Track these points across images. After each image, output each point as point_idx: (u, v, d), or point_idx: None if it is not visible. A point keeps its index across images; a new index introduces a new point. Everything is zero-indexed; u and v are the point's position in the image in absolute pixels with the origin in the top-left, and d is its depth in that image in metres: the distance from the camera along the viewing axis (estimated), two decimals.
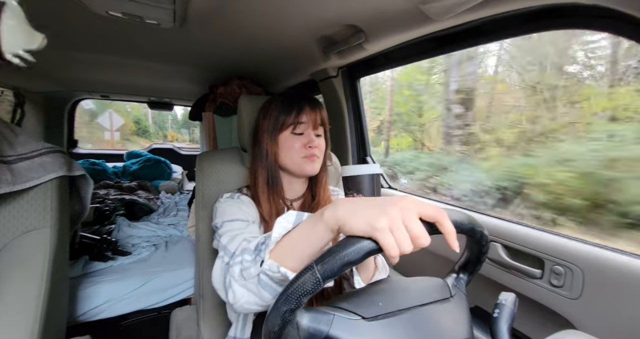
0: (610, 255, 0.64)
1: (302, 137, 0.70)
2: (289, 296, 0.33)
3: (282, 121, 0.69)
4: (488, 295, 0.81)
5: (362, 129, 1.40)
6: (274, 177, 0.71)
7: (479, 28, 0.79)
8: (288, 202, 0.75)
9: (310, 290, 0.33)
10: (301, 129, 0.70)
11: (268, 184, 0.71)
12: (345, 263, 0.33)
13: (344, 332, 0.36)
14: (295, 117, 0.69)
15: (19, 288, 0.73)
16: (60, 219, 0.82)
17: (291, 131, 0.70)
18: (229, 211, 0.66)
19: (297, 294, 0.33)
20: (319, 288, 0.33)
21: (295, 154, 0.69)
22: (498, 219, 0.89)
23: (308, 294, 0.33)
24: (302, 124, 0.69)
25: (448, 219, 0.36)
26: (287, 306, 0.33)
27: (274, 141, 0.70)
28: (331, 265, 0.33)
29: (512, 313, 0.45)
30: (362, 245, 0.34)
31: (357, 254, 0.34)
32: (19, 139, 0.81)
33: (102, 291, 1.22)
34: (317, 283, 0.33)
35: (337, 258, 0.33)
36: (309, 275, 0.33)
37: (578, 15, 0.62)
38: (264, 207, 0.70)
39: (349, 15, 0.86)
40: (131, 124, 10.64)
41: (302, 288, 0.33)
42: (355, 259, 0.33)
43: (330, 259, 0.33)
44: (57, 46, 1.21)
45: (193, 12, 0.86)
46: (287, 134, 0.70)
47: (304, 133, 0.70)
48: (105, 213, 1.92)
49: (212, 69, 1.63)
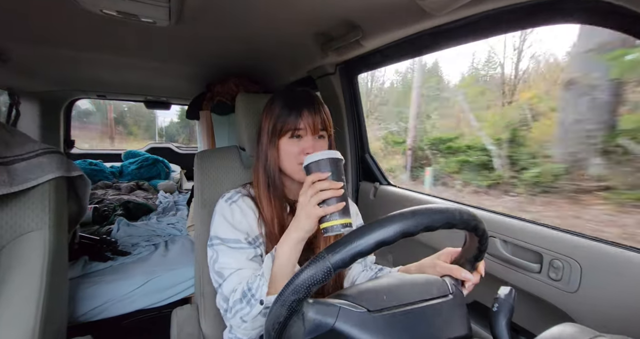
0: (608, 249, 0.64)
1: (301, 142, 0.67)
2: (298, 286, 0.34)
3: (280, 126, 0.67)
4: (487, 290, 0.82)
5: (360, 126, 1.40)
6: (273, 181, 0.70)
7: (478, 23, 0.78)
8: (291, 202, 0.74)
9: (321, 279, 0.33)
10: (300, 134, 0.68)
11: (268, 187, 0.70)
12: (356, 253, 0.34)
13: (349, 324, 0.36)
14: (294, 123, 0.66)
15: (18, 290, 0.73)
16: (59, 220, 0.82)
17: (289, 136, 0.68)
18: (222, 228, 0.67)
19: (308, 284, 0.33)
20: (330, 277, 0.33)
21: (294, 159, 0.67)
22: (496, 214, 0.89)
23: (318, 284, 0.33)
24: (301, 130, 0.67)
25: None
26: (295, 296, 0.33)
27: (274, 146, 0.69)
28: (342, 255, 0.34)
29: (511, 307, 0.45)
30: (374, 236, 0.35)
31: (369, 245, 0.34)
32: (15, 140, 0.81)
33: (102, 291, 1.23)
34: (328, 272, 0.33)
35: (348, 247, 0.34)
36: (321, 264, 0.34)
37: (576, 10, 0.61)
38: (265, 208, 0.69)
39: (346, 11, 0.86)
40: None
41: (314, 277, 0.33)
42: (366, 250, 0.34)
43: (341, 249, 0.34)
44: (52, 45, 1.20)
45: (189, 9, 0.85)
46: (285, 139, 0.68)
47: (303, 138, 0.68)
48: (104, 213, 1.92)
49: (209, 67, 1.61)
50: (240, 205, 0.70)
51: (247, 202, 0.71)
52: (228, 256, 0.65)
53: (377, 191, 1.33)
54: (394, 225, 0.35)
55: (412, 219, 0.36)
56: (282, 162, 0.69)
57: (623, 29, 0.56)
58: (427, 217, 0.37)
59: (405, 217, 0.37)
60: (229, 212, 0.69)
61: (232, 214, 0.68)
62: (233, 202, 0.70)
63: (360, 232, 0.35)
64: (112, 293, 1.24)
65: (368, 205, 1.36)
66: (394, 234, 0.35)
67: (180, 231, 1.83)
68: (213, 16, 0.92)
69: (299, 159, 0.66)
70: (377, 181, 1.37)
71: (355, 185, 1.44)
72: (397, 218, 0.36)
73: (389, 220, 0.36)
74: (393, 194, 1.26)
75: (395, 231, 0.35)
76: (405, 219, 0.36)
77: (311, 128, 0.67)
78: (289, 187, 0.73)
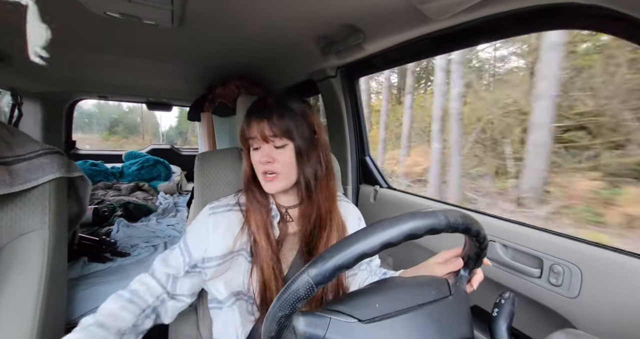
0: (609, 254, 0.64)
1: (258, 152, 0.64)
2: (284, 302, 0.33)
3: (243, 136, 0.66)
4: (487, 294, 0.81)
5: (360, 128, 1.40)
6: (259, 188, 0.68)
7: (478, 28, 0.79)
8: (283, 209, 0.71)
9: (304, 296, 0.33)
10: (256, 143, 0.65)
11: (254, 192, 0.68)
12: (337, 267, 0.33)
13: (340, 336, 0.36)
14: (248, 132, 0.64)
15: (17, 290, 0.72)
16: (59, 220, 0.82)
17: (252, 146, 0.66)
18: (192, 230, 0.67)
19: (292, 300, 0.33)
20: (312, 293, 0.33)
21: (259, 170, 0.66)
22: (497, 218, 0.89)
23: (302, 300, 0.33)
24: (254, 139, 0.64)
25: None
26: (282, 312, 0.33)
27: (247, 155, 0.68)
28: (323, 270, 0.33)
29: (511, 312, 0.45)
30: (355, 248, 0.34)
31: (350, 259, 0.33)
32: (17, 140, 0.81)
33: (101, 293, 1.22)
34: (310, 288, 0.33)
35: (329, 262, 0.33)
36: (302, 280, 0.33)
37: (576, 15, 0.62)
38: (253, 208, 0.67)
39: (348, 15, 0.86)
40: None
41: (296, 294, 0.33)
42: (347, 263, 0.33)
43: (322, 264, 0.33)
44: (55, 46, 1.20)
45: (191, 12, 0.86)
46: (251, 149, 0.67)
47: (260, 147, 0.64)
48: (104, 214, 1.92)
49: (210, 69, 1.62)
50: (218, 219, 0.66)
51: (230, 216, 0.67)
52: (173, 254, 0.68)
53: (377, 194, 1.33)
54: (375, 236, 0.34)
55: (395, 227, 0.34)
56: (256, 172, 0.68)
57: (622, 35, 0.56)
58: (411, 224, 0.35)
59: (385, 227, 0.35)
60: (202, 223, 0.67)
61: (205, 225, 0.66)
62: (214, 213, 0.67)
63: (341, 244, 0.34)
64: (111, 294, 1.23)
65: (368, 208, 1.36)
66: (376, 245, 0.34)
67: (180, 232, 1.82)
68: (215, 19, 0.92)
69: (260, 169, 0.65)
70: (377, 184, 1.37)
71: (355, 188, 1.44)
72: (377, 229, 0.34)
73: (370, 230, 0.34)
74: (393, 198, 1.26)
75: (377, 242, 0.34)
76: (387, 229, 0.34)
77: (261, 136, 0.62)
78: (278, 195, 0.71)
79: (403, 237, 0.34)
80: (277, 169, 0.63)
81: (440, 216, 0.37)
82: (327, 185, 0.69)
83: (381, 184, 1.37)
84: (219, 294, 0.66)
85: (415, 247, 1.09)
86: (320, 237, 0.66)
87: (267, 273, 0.62)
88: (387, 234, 0.34)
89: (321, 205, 0.67)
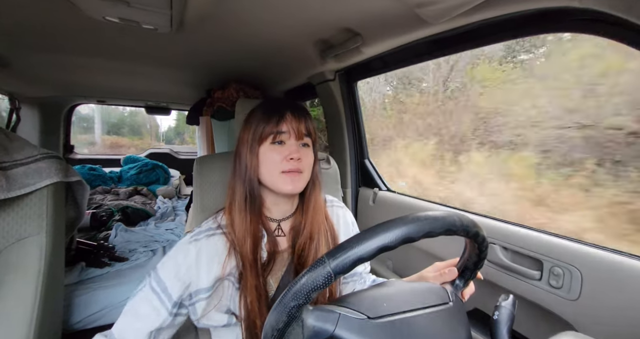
0: (609, 256, 0.64)
1: (284, 148, 0.60)
2: (298, 292, 0.33)
3: (260, 131, 0.60)
4: (487, 297, 0.81)
5: (359, 132, 1.41)
6: (253, 195, 0.61)
7: (475, 31, 0.80)
8: (275, 223, 0.66)
9: (321, 285, 0.33)
10: (282, 138, 0.61)
11: (246, 202, 0.61)
12: (357, 258, 0.33)
13: (349, 331, 0.36)
14: (276, 126, 0.60)
15: (13, 295, 0.72)
16: (56, 225, 0.81)
17: (271, 141, 0.60)
18: (167, 267, 0.59)
19: (307, 289, 0.33)
20: (330, 282, 0.33)
21: (275, 168, 0.59)
22: (496, 220, 0.89)
23: (318, 289, 0.33)
24: (284, 134, 0.60)
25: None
26: (295, 302, 0.33)
27: (254, 154, 0.61)
28: (343, 260, 0.33)
29: (512, 315, 0.45)
30: (376, 241, 0.34)
31: (370, 251, 0.34)
32: (14, 145, 0.80)
33: (98, 298, 1.21)
34: (329, 277, 0.33)
35: (349, 252, 0.33)
36: (321, 269, 0.33)
37: (572, 19, 0.62)
38: (237, 228, 0.60)
39: (346, 19, 0.87)
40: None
41: (314, 282, 0.33)
42: (367, 255, 0.34)
43: (342, 254, 0.33)
44: (53, 51, 1.21)
45: (190, 16, 0.86)
46: (267, 145, 0.61)
47: (286, 143, 0.61)
48: (102, 219, 1.91)
49: (209, 73, 1.63)
50: (201, 246, 0.60)
51: (214, 241, 0.61)
52: (144, 302, 0.57)
53: (377, 196, 1.33)
54: (396, 230, 0.35)
55: (414, 224, 0.36)
56: (262, 172, 0.61)
57: (618, 38, 0.57)
58: (429, 224, 0.36)
59: (407, 222, 0.36)
60: (182, 256, 0.59)
61: (186, 257, 0.59)
62: (196, 240, 0.61)
63: (361, 237, 0.35)
64: (108, 300, 1.22)
65: (367, 211, 1.36)
66: (395, 240, 0.35)
67: (178, 236, 1.81)
68: (214, 23, 0.93)
69: (280, 167, 0.59)
70: (376, 186, 1.37)
71: (354, 191, 1.44)
72: (398, 223, 0.36)
73: (390, 225, 0.36)
74: (392, 200, 1.26)
75: (397, 236, 0.35)
76: (408, 224, 0.36)
77: (295, 132, 0.60)
78: (272, 206, 0.65)
79: (422, 234, 0.36)
80: (303, 167, 0.61)
81: (454, 217, 0.39)
82: (319, 194, 0.68)
83: (380, 186, 1.37)
84: (218, 322, 0.61)
85: (414, 251, 1.08)
86: (310, 250, 0.64)
87: (250, 296, 0.58)
88: (407, 229, 0.35)
89: (312, 215, 0.66)
